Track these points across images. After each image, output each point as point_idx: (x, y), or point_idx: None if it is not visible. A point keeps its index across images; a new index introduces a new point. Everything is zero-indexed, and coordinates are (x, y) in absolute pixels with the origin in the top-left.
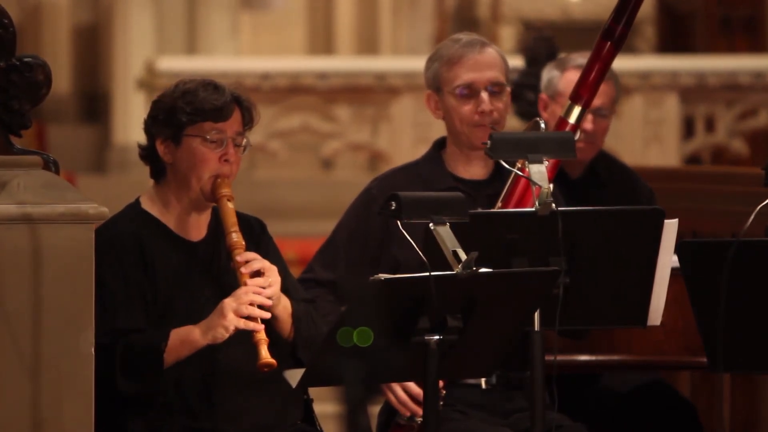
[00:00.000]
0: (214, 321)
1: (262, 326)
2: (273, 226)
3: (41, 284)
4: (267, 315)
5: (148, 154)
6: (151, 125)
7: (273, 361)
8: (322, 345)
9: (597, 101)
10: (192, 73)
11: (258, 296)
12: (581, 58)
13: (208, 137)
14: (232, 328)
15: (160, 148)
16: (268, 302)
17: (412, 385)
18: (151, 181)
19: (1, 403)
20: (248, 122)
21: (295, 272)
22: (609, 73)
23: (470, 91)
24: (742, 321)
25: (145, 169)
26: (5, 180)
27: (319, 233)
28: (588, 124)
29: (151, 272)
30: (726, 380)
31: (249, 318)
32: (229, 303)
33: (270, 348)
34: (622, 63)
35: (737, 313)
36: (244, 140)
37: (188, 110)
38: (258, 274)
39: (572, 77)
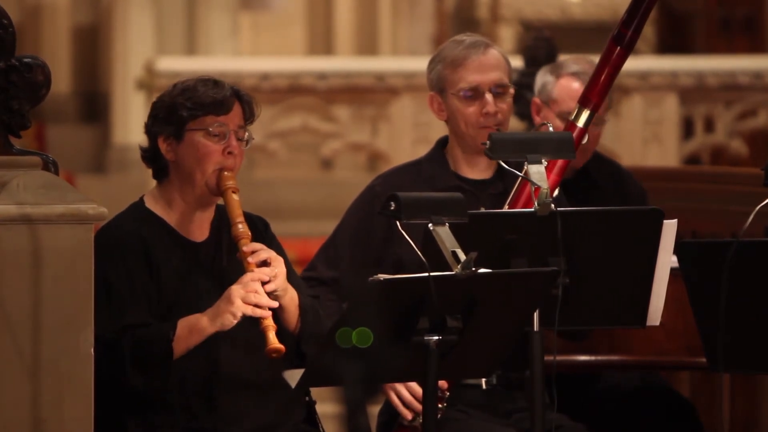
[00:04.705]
0: (221, 308)
1: (270, 312)
2: (273, 226)
3: (41, 284)
4: (275, 304)
5: (149, 155)
6: (152, 125)
7: (281, 346)
8: (322, 345)
9: None
10: (192, 74)
11: (264, 284)
12: (576, 65)
13: (210, 130)
14: (239, 314)
15: (163, 146)
16: (274, 288)
17: (414, 385)
18: (154, 181)
19: (1, 403)
20: (249, 116)
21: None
22: None
23: (474, 93)
24: (742, 321)
25: (145, 169)
26: (5, 180)
27: (318, 233)
28: None
29: (155, 272)
30: (726, 380)
31: (256, 305)
32: (236, 290)
33: (278, 335)
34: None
35: (737, 313)
36: (246, 134)
37: (189, 105)
38: (264, 264)
39: (566, 84)
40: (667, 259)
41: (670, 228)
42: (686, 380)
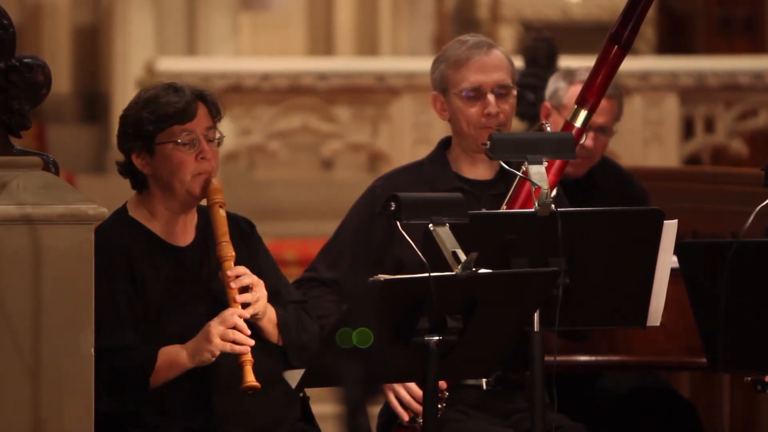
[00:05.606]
0: (200, 345)
1: (248, 348)
2: (273, 226)
3: (41, 284)
4: (251, 342)
5: (126, 169)
6: (122, 141)
7: (257, 384)
8: (322, 345)
9: (601, 119)
10: (192, 74)
11: (242, 321)
12: (588, 73)
13: (179, 141)
14: (217, 352)
15: (137, 161)
16: (253, 312)
17: (413, 386)
18: None
19: (1, 403)
20: (216, 115)
21: (295, 273)
22: (615, 91)
23: (477, 93)
24: (742, 321)
25: None
26: (5, 180)
27: (319, 233)
28: (589, 141)
29: (140, 282)
30: (726, 380)
31: (234, 342)
32: (215, 327)
33: (255, 369)
34: (622, 63)
35: (737, 313)
36: (217, 134)
37: (152, 118)
38: (246, 288)
39: (578, 92)
40: (667, 260)
41: (670, 228)
42: (686, 380)
